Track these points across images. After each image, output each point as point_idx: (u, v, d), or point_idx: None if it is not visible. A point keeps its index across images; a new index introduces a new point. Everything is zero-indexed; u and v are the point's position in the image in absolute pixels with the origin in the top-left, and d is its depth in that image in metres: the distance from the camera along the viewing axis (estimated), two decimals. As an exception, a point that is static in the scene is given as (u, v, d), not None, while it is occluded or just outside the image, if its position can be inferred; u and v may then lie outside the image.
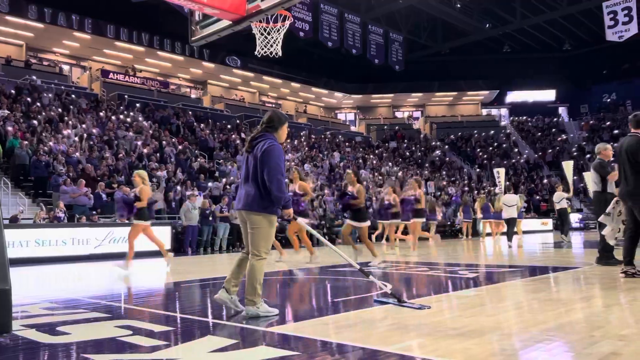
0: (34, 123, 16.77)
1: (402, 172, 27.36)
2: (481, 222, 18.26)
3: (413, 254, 10.57)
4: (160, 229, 12.99)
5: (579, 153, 33.01)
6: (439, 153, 34.40)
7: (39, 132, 16.26)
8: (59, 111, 18.93)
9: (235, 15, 5.95)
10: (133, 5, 22.66)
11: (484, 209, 16.00)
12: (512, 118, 41.04)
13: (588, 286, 5.54)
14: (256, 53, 6.88)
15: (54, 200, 13.42)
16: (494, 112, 42.81)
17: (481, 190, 26.29)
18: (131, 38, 26.80)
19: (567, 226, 15.02)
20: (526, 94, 42.24)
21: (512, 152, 35.13)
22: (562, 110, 42.16)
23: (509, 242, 13.07)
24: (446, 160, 33.55)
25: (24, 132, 15.85)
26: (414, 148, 34.28)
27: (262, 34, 6.71)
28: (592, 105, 40.04)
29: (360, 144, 32.54)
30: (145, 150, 18.07)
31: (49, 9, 23.87)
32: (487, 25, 34.16)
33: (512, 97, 42.61)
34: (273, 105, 35.87)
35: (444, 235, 17.18)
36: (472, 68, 39.47)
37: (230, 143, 22.73)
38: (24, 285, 6.77)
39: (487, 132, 37.39)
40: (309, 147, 26.47)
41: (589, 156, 30.53)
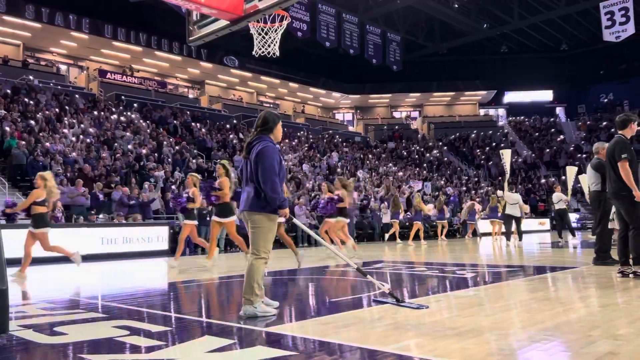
0: (31, 123, 16.74)
1: (402, 172, 27.38)
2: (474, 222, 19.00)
3: (356, 254, 10.25)
4: (158, 229, 13.04)
5: (576, 153, 33.09)
6: (436, 153, 34.43)
7: (37, 132, 16.23)
8: (57, 111, 18.90)
9: (233, 15, 5.94)
10: (131, 5, 22.64)
11: (492, 209, 16.19)
12: (510, 118, 41.10)
13: (585, 286, 5.55)
14: (254, 53, 6.87)
15: (51, 200, 13.38)
16: (491, 112, 42.88)
17: (492, 190, 26.23)
18: (129, 38, 26.76)
19: (569, 226, 15.09)
20: (524, 94, 42.30)
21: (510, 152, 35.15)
22: (559, 110, 42.26)
23: (508, 241, 13.17)
24: (444, 160, 33.59)
25: (21, 132, 15.82)
26: (411, 148, 34.32)
27: (260, 34, 6.70)
28: (589, 106, 40.11)
29: (358, 144, 32.55)
30: (143, 151, 18.05)
31: (47, 9, 23.82)
32: (485, 25, 34.21)
33: (510, 97, 42.68)
34: (271, 105, 35.89)
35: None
36: (469, 68, 39.53)
37: (228, 143, 22.71)
38: (21, 286, 6.75)
39: (485, 132, 37.45)
40: (307, 147, 26.48)
41: (585, 156, 30.59)
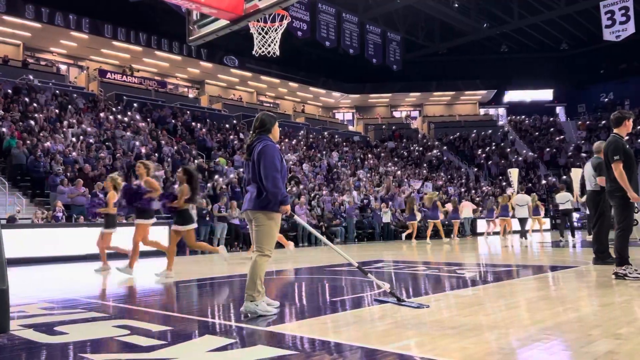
0: (31, 123, 16.74)
1: (400, 172, 27.38)
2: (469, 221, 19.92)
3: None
4: (158, 230, 13.02)
5: (576, 152, 33.09)
6: (436, 153, 34.43)
7: (37, 132, 16.23)
8: (57, 111, 18.90)
9: (233, 15, 5.95)
10: (131, 5, 22.64)
11: (503, 208, 16.42)
12: (510, 118, 41.06)
13: (585, 285, 5.55)
14: (254, 53, 6.87)
15: (51, 200, 13.40)
16: (491, 111, 42.85)
17: (505, 190, 26.24)
18: (129, 38, 26.73)
19: (572, 226, 15.23)
20: (524, 93, 42.26)
21: (510, 151, 35.17)
22: (559, 109, 42.24)
23: (523, 238, 14.14)
24: (444, 160, 33.58)
25: (22, 132, 15.82)
26: (411, 148, 34.31)
27: (260, 34, 6.70)
28: (589, 105, 40.10)
29: (358, 144, 32.55)
30: (143, 150, 18.05)
31: (46, 9, 23.80)
32: (485, 25, 34.18)
33: (510, 96, 42.65)
34: (271, 105, 35.87)
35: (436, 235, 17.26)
36: (469, 68, 39.49)
37: (228, 143, 22.71)
38: (21, 285, 6.75)
39: (485, 132, 37.43)
40: (307, 147, 26.47)
41: (585, 155, 30.59)
